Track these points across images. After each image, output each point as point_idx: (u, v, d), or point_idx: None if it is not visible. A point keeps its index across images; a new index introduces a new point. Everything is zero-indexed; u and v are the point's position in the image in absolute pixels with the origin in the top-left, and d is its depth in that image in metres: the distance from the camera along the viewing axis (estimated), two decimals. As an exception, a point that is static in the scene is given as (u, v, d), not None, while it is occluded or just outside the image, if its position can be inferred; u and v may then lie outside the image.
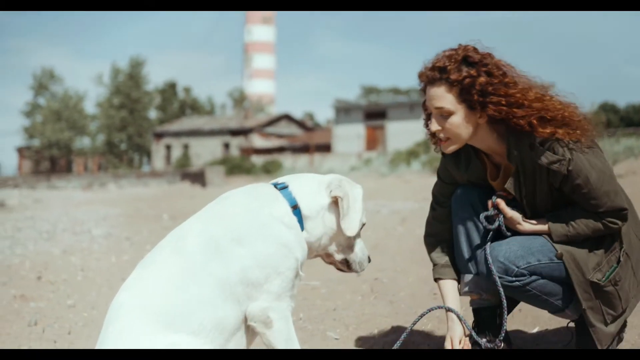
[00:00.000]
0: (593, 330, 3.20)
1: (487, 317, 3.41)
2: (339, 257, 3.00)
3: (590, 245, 3.18)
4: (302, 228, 2.84)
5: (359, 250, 3.02)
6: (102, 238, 11.38)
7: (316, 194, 2.89)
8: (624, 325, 3.33)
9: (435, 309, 3.47)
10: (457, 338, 3.37)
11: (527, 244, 3.22)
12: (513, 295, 3.30)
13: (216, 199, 2.88)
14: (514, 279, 3.20)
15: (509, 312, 3.60)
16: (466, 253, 3.42)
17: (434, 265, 3.55)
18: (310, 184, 2.92)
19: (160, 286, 2.55)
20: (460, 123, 3.15)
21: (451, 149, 3.25)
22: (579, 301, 3.21)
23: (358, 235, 2.99)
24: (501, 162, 3.30)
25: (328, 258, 3.02)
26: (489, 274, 3.23)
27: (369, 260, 3.08)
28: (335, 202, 2.88)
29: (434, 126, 3.21)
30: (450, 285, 3.49)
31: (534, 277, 3.20)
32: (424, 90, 3.23)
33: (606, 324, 3.21)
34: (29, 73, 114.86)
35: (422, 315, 3.48)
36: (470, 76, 3.08)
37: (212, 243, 2.63)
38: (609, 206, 3.08)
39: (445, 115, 3.16)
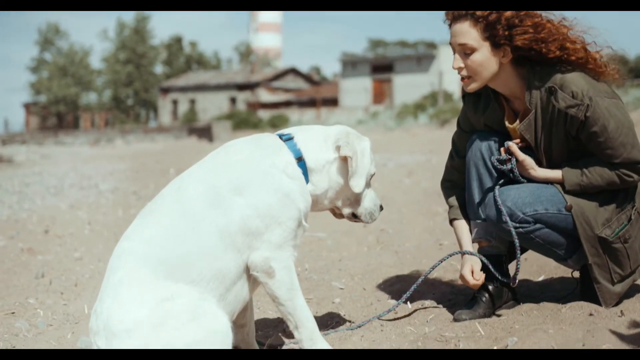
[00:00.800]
0: (598, 287, 3.18)
1: (494, 264, 3.40)
2: (347, 210, 2.98)
3: (601, 201, 3.15)
4: (307, 180, 2.81)
5: (369, 201, 2.98)
6: (109, 192, 11.42)
7: (322, 147, 2.85)
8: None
9: (454, 254, 3.46)
10: (477, 266, 3.34)
11: (537, 192, 3.20)
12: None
13: (219, 147, 2.85)
14: (517, 225, 3.18)
15: (512, 260, 3.59)
16: (477, 199, 3.39)
17: (450, 207, 3.54)
18: (316, 137, 2.87)
19: (160, 235, 2.54)
20: (482, 61, 3.12)
21: (472, 87, 3.22)
22: (583, 254, 3.20)
23: (368, 185, 2.96)
24: (520, 109, 3.27)
25: (337, 211, 3.00)
26: (498, 216, 3.20)
27: (381, 209, 3.05)
28: (342, 158, 2.84)
29: (456, 63, 3.18)
30: (465, 226, 3.48)
31: (538, 226, 3.18)
32: (450, 28, 3.21)
33: (613, 283, 3.19)
34: (34, 29, 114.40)
35: (433, 267, 3.49)
36: (497, 11, 3.05)
37: (213, 192, 2.61)
38: (624, 157, 3.04)
39: (468, 52, 3.13)
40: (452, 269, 4.41)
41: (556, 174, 3.19)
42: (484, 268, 3.39)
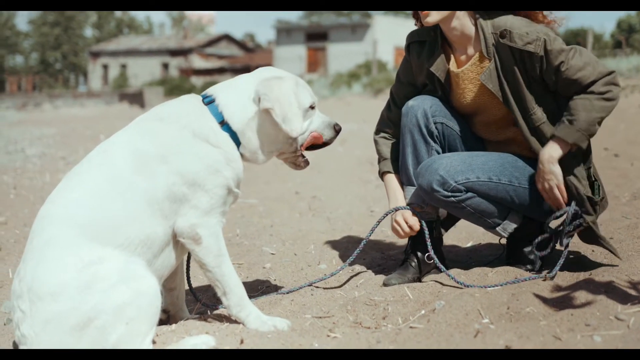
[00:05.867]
0: (607, 242, 3.24)
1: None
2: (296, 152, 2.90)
3: (576, 166, 3.16)
4: (238, 143, 2.76)
5: (320, 124, 2.95)
6: (37, 157, 11.14)
7: (245, 105, 2.76)
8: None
9: (392, 212, 3.42)
10: (408, 213, 3.35)
11: (469, 160, 3.23)
12: (448, 209, 3.32)
13: (146, 113, 2.78)
14: (449, 194, 3.21)
15: (448, 228, 3.63)
16: (411, 165, 3.40)
17: (383, 159, 3.52)
18: (238, 94, 2.77)
19: (86, 198, 2.47)
20: None
21: (432, 18, 3.17)
22: (511, 221, 3.28)
23: (312, 108, 2.91)
24: (464, 60, 3.29)
25: (290, 159, 2.93)
26: (431, 185, 3.21)
27: (338, 129, 3.02)
28: (264, 110, 2.74)
29: None
30: (397, 180, 3.47)
31: (469, 194, 3.22)
32: None
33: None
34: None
35: (373, 229, 3.48)
36: None
37: (138, 157, 2.55)
38: (596, 74, 3.06)
39: None
40: (382, 235, 4.44)
41: (552, 146, 3.11)
42: (420, 234, 3.39)
